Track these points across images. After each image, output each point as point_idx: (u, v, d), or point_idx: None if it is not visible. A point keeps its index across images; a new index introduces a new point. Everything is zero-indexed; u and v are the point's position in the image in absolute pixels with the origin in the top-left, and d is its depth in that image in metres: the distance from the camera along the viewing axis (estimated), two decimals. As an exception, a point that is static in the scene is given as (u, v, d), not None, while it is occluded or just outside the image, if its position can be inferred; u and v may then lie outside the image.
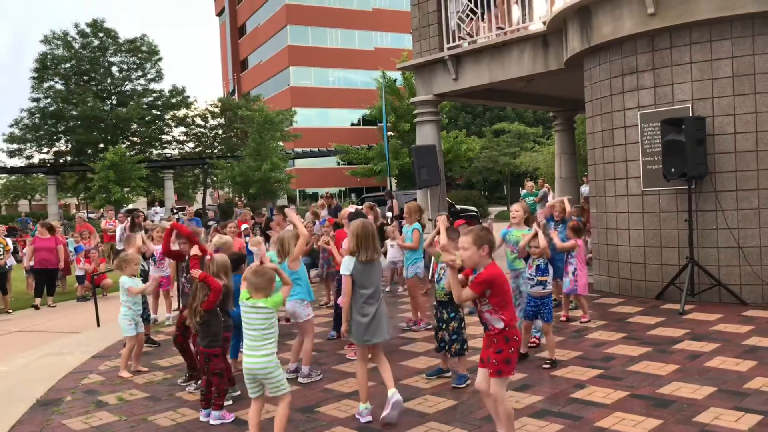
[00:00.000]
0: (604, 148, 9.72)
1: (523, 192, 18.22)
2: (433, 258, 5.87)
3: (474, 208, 23.37)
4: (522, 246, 6.32)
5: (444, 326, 5.70)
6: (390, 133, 31.26)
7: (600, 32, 9.20)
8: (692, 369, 5.69)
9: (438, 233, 5.82)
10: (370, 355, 4.99)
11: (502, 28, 11.78)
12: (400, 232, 9.29)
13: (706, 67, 8.44)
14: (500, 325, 4.02)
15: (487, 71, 12.05)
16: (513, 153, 41.55)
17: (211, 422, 4.99)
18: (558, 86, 13.32)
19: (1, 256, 11.88)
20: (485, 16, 12.05)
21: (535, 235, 6.17)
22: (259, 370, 4.31)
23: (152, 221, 18.59)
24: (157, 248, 8.68)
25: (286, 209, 8.54)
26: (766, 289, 8.19)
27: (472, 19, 12.19)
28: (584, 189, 16.76)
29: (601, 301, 9.08)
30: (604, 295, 9.45)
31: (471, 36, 12.39)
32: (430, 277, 8.53)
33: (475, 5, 11.99)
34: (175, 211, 28.92)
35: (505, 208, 39.11)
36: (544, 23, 10.84)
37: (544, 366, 5.93)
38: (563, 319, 7.92)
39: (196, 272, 5.12)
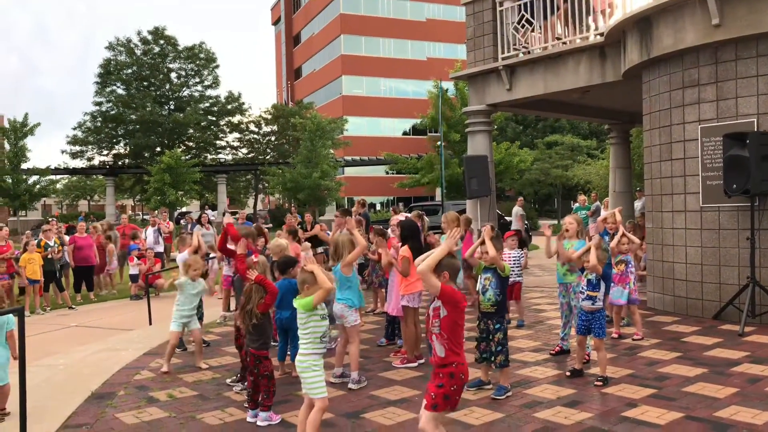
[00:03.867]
0: (661, 162, 9.47)
1: (575, 206, 17.92)
2: (474, 269, 5.81)
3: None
4: (576, 257, 6.19)
5: (489, 337, 5.63)
6: (438, 143, 31.18)
7: (661, 44, 8.99)
8: (752, 393, 5.46)
9: (482, 243, 5.76)
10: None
11: (560, 38, 11.64)
12: None
13: (773, 80, 8.14)
14: (442, 353, 3.88)
15: (542, 82, 11.91)
16: (565, 166, 40.89)
17: (259, 423, 5.04)
18: (614, 98, 13.06)
19: (57, 253, 12.29)
20: (541, 27, 11.93)
21: (588, 250, 6.05)
22: (297, 366, 4.57)
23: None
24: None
25: (347, 216, 8.62)
26: (832, 313, 7.82)
27: (527, 29, 12.08)
28: (638, 204, 16.37)
29: (654, 319, 8.82)
30: (657, 313, 9.18)
31: (526, 46, 12.28)
32: (477, 289, 8.44)
33: (531, 16, 11.89)
34: (223, 214, 29.64)
35: (555, 222, 38.50)
36: (601, 34, 10.66)
37: (596, 383, 5.79)
38: (615, 335, 7.72)
39: (253, 274, 5.18)
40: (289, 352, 6.47)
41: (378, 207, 58.10)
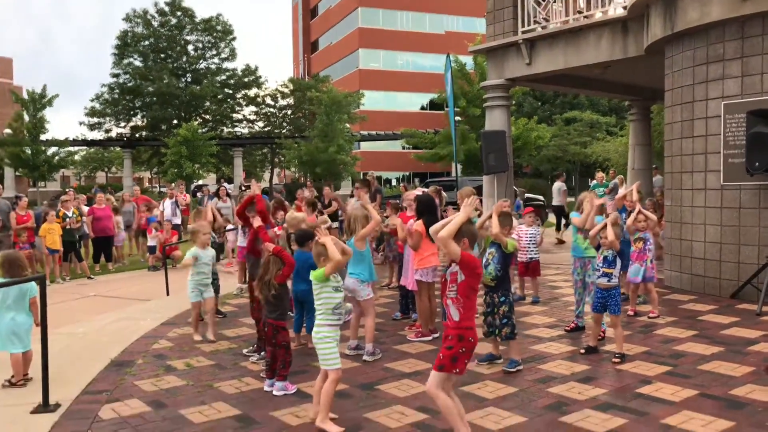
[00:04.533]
0: (682, 140, 9.33)
1: (593, 183, 17.76)
2: (483, 242, 5.79)
3: (541, 197, 22.91)
4: (593, 234, 6.16)
5: (495, 311, 5.64)
6: (458, 118, 30.95)
7: (685, 18, 8.80)
8: (769, 372, 5.43)
9: (489, 218, 5.74)
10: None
11: (581, 12, 11.44)
12: None
13: (800, 56, 7.95)
14: (456, 317, 3.97)
15: (562, 56, 11.73)
16: (584, 142, 40.44)
17: (275, 392, 5.11)
18: (636, 74, 12.86)
19: (76, 223, 12.42)
20: (562, 0, 11.73)
21: (605, 226, 6.00)
22: (312, 338, 4.67)
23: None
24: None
25: (365, 188, 8.60)
26: None
27: (548, 2, 11.88)
28: (656, 180, 16.19)
29: (671, 297, 8.77)
30: (674, 292, 9.12)
31: (547, 19, 12.09)
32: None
33: (553, -12, 11.69)
34: (243, 188, 29.67)
35: (573, 199, 38.21)
36: (624, 8, 10.46)
37: (614, 359, 5.79)
38: (630, 313, 7.70)
39: (270, 246, 5.21)
40: (305, 324, 6.52)
41: (394, 182, 58.03)
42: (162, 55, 49.03)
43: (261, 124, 51.83)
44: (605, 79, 13.53)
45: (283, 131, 48.17)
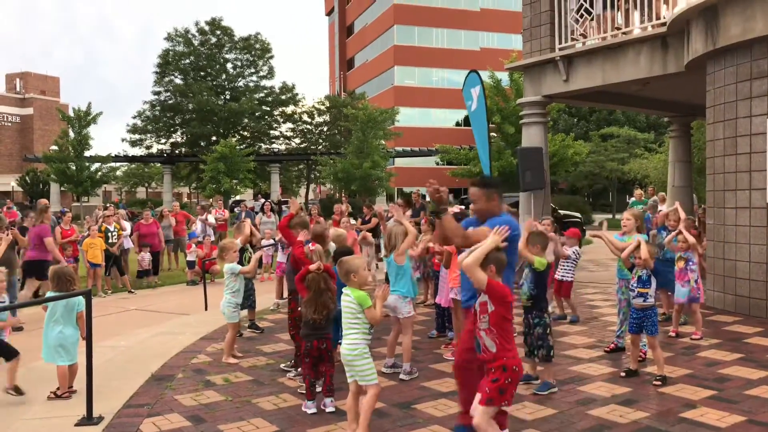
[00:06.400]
0: (725, 157, 9.15)
1: (631, 200, 17.49)
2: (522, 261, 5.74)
3: (578, 214, 22.63)
4: (624, 256, 6.07)
5: (530, 331, 5.59)
6: (492, 134, 30.82)
7: (727, 33, 8.66)
8: (819, 398, 5.25)
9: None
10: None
11: (619, 28, 11.35)
12: None
13: None
14: (493, 348, 3.87)
15: (600, 73, 11.64)
16: (621, 159, 39.89)
17: (329, 409, 5.10)
18: (676, 90, 12.67)
19: (117, 239, 12.70)
20: (600, 17, 11.66)
21: (638, 246, 5.90)
22: (345, 355, 4.57)
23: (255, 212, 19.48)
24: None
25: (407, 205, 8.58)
26: None
27: (586, 19, 11.82)
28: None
29: (714, 318, 8.56)
30: (717, 312, 8.90)
31: (584, 36, 12.02)
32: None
33: (590, 5, 11.62)
34: (278, 202, 30.05)
35: (610, 216, 37.62)
36: (664, 24, 10.34)
37: (654, 382, 5.66)
38: (672, 334, 7.53)
39: (318, 265, 5.26)
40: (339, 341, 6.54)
41: (428, 198, 57.97)
42: (202, 73, 50.19)
43: (297, 140, 52.53)
44: (644, 95, 13.36)
45: (319, 147, 48.70)
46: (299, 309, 5.65)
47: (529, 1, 12.99)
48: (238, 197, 43.65)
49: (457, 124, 59.70)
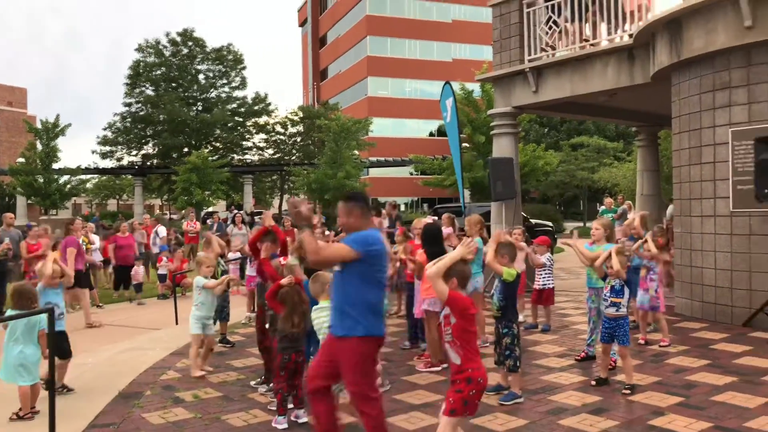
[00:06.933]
0: (690, 166, 9.32)
1: (601, 208, 17.70)
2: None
3: (549, 223, 22.86)
4: (597, 266, 6.13)
5: (500, 341, 5.63)
6: (465, 144, 31.05)
7: (691, 45, 8.85)
8: (783, 403, 5.34)
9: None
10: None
11: (587, 40, 11.52)
12: None
13: (807, 83, 7.96)
14: (458, 361, 3.88)
15: (569, 84, 11.80)
16: (591, 168, 40.46)
17: (303, 420, 5.09)
18: (642, 101, 12.89)
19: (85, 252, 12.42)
20: (569, 29, 11.82)
21: (609, 256, 5.97)
22: None
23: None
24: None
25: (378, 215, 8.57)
26: None
27: (555, 31, 11.98)
28: (670, 209, 16.12)
29: (682, 325, 8.68)
30: (685, 319, 9.03)
31: (553, 48, 12.18)
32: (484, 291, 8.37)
33: (559, 17, 11.79)
34: (248, 214, 29.84)
35: (581, 224, 38.09)
36: (630, 36, 10.53)
37: (624, 391, 5.71)
38: (641, 342, 7.62)
39: (289, 279, 5.24)
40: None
41: (402, 208, 58.09)
42: (173, 84, 49.78)
43: (271, 151, 52.28)
44: (612, 105, 13.56)
45: (293, 158, 48.52)
46: (266, 324, 5.62)
47: (498, 13, 13.13)
48: (210, 209, 43.26)
49: (431, 134, 60.01)
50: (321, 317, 4.81)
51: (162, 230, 16.19)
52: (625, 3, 11.05)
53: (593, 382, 6.03)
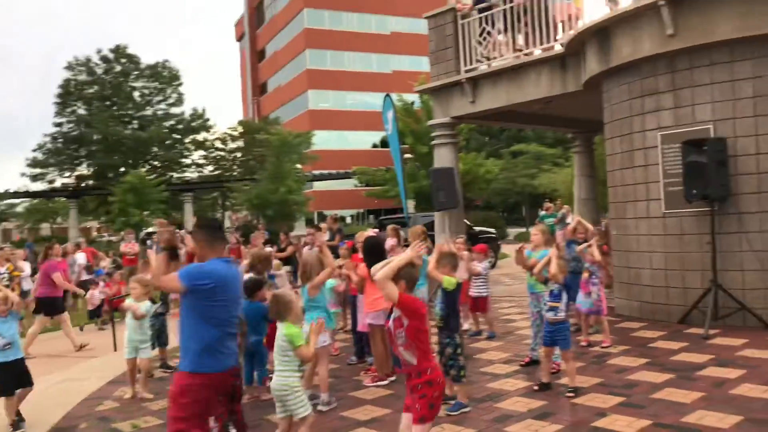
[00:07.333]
0: (623, 170, 9.60)
1: (541, 213, 18.09)
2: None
3: (493, 230, 23.19)
4: (537, 271, 6.22)
5: (443, 351, 5.63)
6: (408, 155, 31.27)
7: (619, 53, 9.14)
8: (717, 397, 5.52)
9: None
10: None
11: (521, 50, 11.77)
12: None
13: (727, 87, 8.33)
14: (414, 361, 3.89)
15: (505, 94, 12.01)
16: (532, 174, 41.35)
17: None
18: (576, 108, 13.23)
19: (7, 282, 11.81)
20: (503, 39, 12.05)
21: (548, 261, 6.07)
22: (277, 391, 4.55)
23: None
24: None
25: (316, 233, 8.51)
26: (793, 313, 7.97)
27: (489, 42, 12.19)
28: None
29: (622, 325, 8.90)
30: (625, 319, 9.26)
31: (488, 59, 12.39)
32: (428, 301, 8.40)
33: (493, 28, 12.01)
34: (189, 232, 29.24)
35: (524, 230, 38.79)
36: (562, 45, 10.81)
37: (567, 394, 5.79)
38: (584, 344, 7.76)
39: None
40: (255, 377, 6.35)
41: (348, 220, 57.99)
42: (107, 102, 48.36)
43: (211, 168, 51.36)
44: (548, 113, 13.87)
45: (234, 174, 47.79)
46: None
47: (434, 25, 13.29)
48: (151, 229, 42.16)
49: (374, 145, 60.17)
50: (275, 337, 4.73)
51: (81, 257, 15.15)
52: (555, 13, 11.34)
53: (536, 387, 6.09)
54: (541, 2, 11.11)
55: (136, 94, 49.60)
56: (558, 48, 11.04)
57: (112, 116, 46.57)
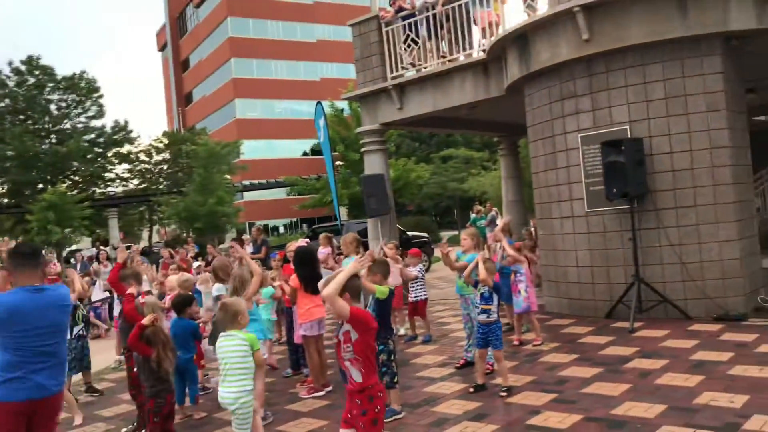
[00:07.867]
0: (547, 172, 9.88)
1: (472, 216, 18.41)
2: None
3: (425, 234, 23.41)
4: (466, 275, 6.31)
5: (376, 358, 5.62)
6: (339, 162, 31.23)
7: (538, 58, 9.41)
8: (643, 387, 5.73)
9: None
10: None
11: (445, 56, 11.94)
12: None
13: (641, 89, 8.71)
14: (359, 378, 3.88)
15: (431, 99, 12.16)
16: (461, 178, 42.06)
17: None
18: (501, 112, 13.54)
19: None
20: (427, 46, 12.20)
21: (476, 265, 6.16)
22: (230, 403, 4.48)
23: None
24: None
25: (235, 242, 8.35)
26: (708, 303, 8.38)
27: (413, 49, 12.32)
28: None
29: (552, 322, 9.13)
30: (555, 317, 9.50)
31: (414, 65, 12.51)
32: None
33: (417, 35, 12.14)
34: (115, 248, 28.22)
35: (456, 233, 39.37)
36: (484, 51, 11.04)
37: (501, 394, 5.88)
38: (516, 343, 7.92)
39: (151, 318, 4.94)
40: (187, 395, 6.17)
41: (281, 230, 57.37)
42: (21, 116, 46.08)
43: (136, 181, 49.76)
44: (474, 118, 14.13)
45: (161, 187, 46.48)
46: (135, 369, 5.26)
47: (358, 32, 13.32)
48: (75, 246, 40.44)
49: (305, 153, 59.85)
50: (226, 346, 4.56)
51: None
52: (477, 19, 11.57)
53: (471, 389, 6.16)
54: (462, 9, 11.31)
55: (52, 107, 47.46)
56: (480, 54, 11.26)
57: (27, 131, 44.37)
